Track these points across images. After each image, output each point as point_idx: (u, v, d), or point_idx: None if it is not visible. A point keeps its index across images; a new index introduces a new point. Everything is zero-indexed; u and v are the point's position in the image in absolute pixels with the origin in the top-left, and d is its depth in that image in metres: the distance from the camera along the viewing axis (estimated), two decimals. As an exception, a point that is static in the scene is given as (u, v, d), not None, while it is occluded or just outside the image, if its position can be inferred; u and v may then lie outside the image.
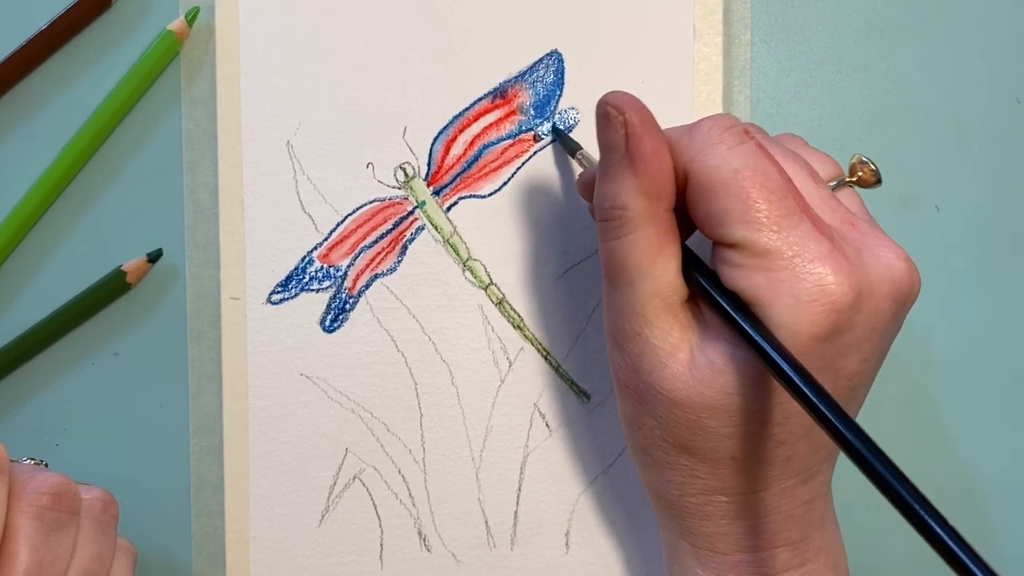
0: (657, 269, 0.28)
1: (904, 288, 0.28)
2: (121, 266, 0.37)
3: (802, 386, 0.25)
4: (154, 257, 0.37)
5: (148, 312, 0.38)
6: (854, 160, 0.31)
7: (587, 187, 0.33)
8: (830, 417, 0.24)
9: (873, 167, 0.31)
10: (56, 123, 0.37)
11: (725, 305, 0.27)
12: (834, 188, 0.30)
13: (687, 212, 0.29)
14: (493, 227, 0.38)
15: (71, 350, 0.38)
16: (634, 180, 0.28)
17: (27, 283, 0.38)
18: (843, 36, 0.39)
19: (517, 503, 0.38)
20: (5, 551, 0.29)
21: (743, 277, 0.27)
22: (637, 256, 0.28)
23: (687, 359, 0.28)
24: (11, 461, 0.30)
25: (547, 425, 0.38)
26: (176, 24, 0.37)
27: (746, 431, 0.28)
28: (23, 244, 0.38)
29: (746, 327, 0.26)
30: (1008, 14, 0.39)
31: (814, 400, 0.24)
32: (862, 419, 0.33)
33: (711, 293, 0.28)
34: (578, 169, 0.37)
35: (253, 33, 0.37)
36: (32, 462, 0.33)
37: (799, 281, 0.26)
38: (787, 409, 0.27)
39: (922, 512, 0.22)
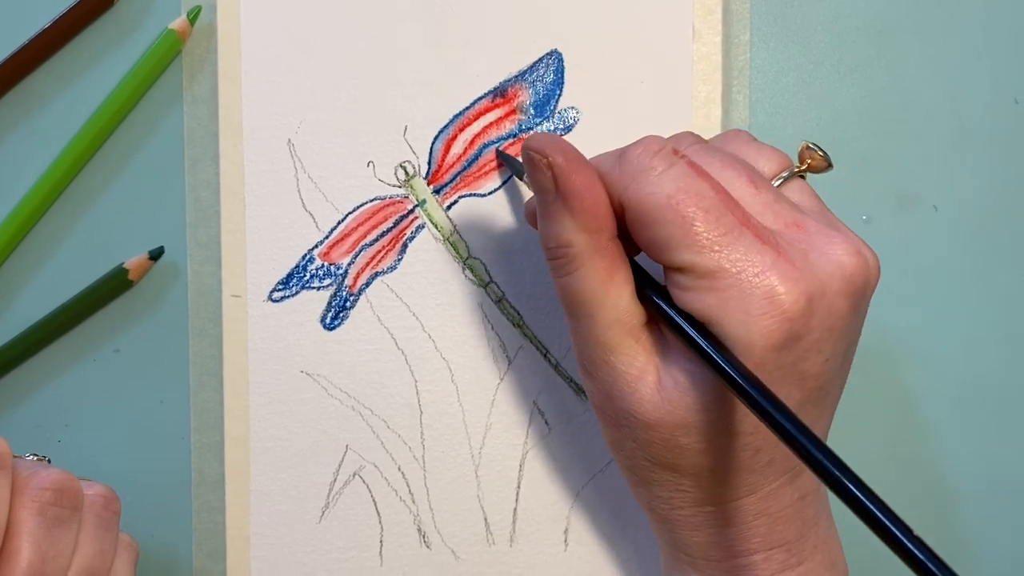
0: (612, 298, 0.29)
1: (858, 281, 0.27)
2: (123, 263, 0.37)
3: (756, 396, 0.25)
4: (156, 254, 0.38)
5: (150, 309, 0.38)
6: (801, 148, 0.31)
7: (533, 216, 0.33)
8: (783, 423, 0.24)
9: (821, 153, 0.30)
10: (58, 121, 0.37)
11: (680, 321, 0.27)
12: (784, 180, 0.30)
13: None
14: (493, 225, 0.38)
15: (73, 347, 0.38)
16: (571, 218, 0.28)
17: (29, 280, 0.38)
18: (842, 36, 0.39)
19: (516, 500, 0.38)
20: (8, 547, 0.29)
21: (694, 299, 0.27)
22: (591, 289, 0.29)
23: (655, 381, 0.28)
24: (13, 457, 0.30)
25: (546, 422, 0.38)
26: (178, 23, 0.37)
27: (720, 444, 0.28)
28: (25, 241, 0.38)
29: (696, 338, 0.26)
30: (1007, 14, 0.39)
31: (764, 406, 0.24)
32: (851, 421, 0.33)
33: (664, 314, 0.28)
34: (528, 193, 0.37)
35: (254, 32, 0.37)
36: (34, 458, 0.33)
37: (747, 297, 0.26)
38: (755, 417, 0.27)
39: (859, 495, 0.22)
